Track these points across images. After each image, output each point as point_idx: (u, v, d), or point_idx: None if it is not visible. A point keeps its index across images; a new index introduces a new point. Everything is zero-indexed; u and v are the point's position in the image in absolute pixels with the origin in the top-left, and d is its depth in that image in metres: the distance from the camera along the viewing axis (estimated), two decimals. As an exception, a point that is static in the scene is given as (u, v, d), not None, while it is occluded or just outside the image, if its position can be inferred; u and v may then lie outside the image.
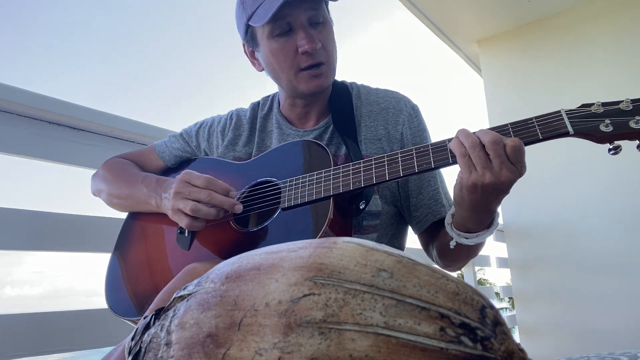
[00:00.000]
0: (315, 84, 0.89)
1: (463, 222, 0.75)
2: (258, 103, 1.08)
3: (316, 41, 0.86)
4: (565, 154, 3.04)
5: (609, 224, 2.85)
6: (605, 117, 0.65)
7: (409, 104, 0.98)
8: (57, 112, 1.15)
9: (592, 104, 0.67)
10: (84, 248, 1.14)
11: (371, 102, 0.97)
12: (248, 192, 0.89)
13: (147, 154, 1.09)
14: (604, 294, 2.78)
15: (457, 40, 3.59)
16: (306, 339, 0.33)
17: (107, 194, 1.02)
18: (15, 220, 1.04)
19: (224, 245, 0.86)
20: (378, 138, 0.93)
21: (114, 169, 1.03)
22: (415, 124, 0.95)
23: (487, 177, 0.66)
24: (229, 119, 1.06)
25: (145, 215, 0.99)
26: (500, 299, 13.87)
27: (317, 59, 0.87)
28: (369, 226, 0.91)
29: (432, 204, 0.92)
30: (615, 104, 0.66)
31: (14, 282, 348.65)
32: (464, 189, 0.69)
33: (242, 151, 1.01)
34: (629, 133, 0.64)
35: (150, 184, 0.93)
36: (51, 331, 1.04)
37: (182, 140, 1.08)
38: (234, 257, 0.45)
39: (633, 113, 0.64)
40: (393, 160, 0.76)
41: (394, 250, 0.38)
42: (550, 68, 3.14)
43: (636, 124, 0.63)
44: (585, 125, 0.66)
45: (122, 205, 1.02)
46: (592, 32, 3.08)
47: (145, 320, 0.47)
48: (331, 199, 0.78)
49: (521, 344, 0.34)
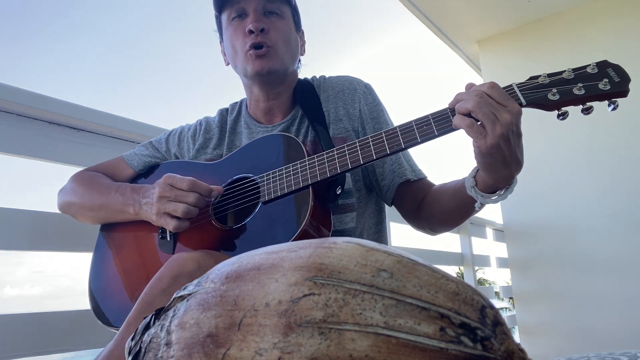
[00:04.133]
0: (258, 64, 0.93)
1: (493, 183, 0.74)
2: (226, 109, 1.11)
3: (260, 23, 0.92)
4: (565, 154, 3.04)
5: (609, 224, 2.85)
6: (552, 86, 0.71)
7: (362, 83, 1.03)
8: (57, 112, 1.15)
9: (539, 76, 0.73)
10: (84, 248, 1.14)
11: (327, 88, 1.03)
12: (225, 190, 0.90)
13: (116, 165, 1.09)
14: (604, 294, 2.78)
15: (457, 40, 3.59)
16: (306, 339, 0.33)
17: (78, 206, 1.00)
18: (15, 220, 1.04)
19: (210, 244, 0.86)
20: (339, 118, 0.98)
21: (84, 181, 1.02)
22: (370, 100, 1.00)
23: (498, 129, 0.66)
24: (198, 126, 1.08)
25: (121, 225, 0.99)
26: (500, 299, 13.87)
27: (260, 39, 0.92)
28: (345, 205, 0.94)
29: (395, 168, 0.96)
30: (559, 74, 0.72)
31: (14, 282, 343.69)
32: (484, 155, 0.69)
33: (213, 153, 1.03)
34: (573, 99, 0.70)
35: (126, 192, 0.93)
36: (51, 331, 1.04)
37: (151, 148, 1.09)
38: (234, 257, 0.45)
39: (575, 81, 0.70)
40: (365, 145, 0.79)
41: (394, 250, 0.38)
42: (550, 68, 3.12)
43: (579, 90, 0.69)
44: (535, 95, 0.71)
45: (94, 217, 1.00)
46: (592, 32, 3.08)
47: (145, 320, 0.47)
48: (310, 187, 0.80)
49: (521, 344, 0.34)
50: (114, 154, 1.12)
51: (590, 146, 2.94)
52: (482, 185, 0.76)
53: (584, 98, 0.70)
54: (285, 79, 0.99)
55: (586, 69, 0.71)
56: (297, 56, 1.02)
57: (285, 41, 0.95)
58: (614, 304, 2.74)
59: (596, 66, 0.71)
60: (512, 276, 3.26)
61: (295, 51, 1.00)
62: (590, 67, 0.71)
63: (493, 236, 3.37)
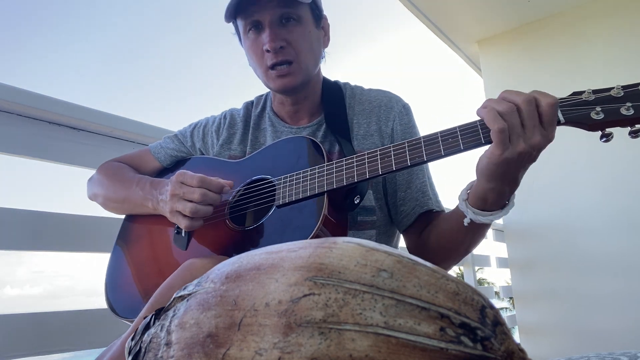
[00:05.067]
0: (281, 82, 0.90)
1: (484, 194, 0.71)
2: (252, 102, 1.09)
3: (277, 40, 0.86)
4: (565, 154, 3.04)
5: (609, 224, 2.85)
6: (596, 104, 0.65)
7: (400, 102, 0.99)
8: (57, 112, 1.15)
9: (583, 92, 0.66)
10: (84, 248, 1.14)
11: (364, 101, 0.99)
12: (243, 190, 0.90)
13: (142, 156, 1.09)
14: (604, 294, 2.78)
15: (457, 40, 3.59)
16: (306, 339, 0.33)
17: (103, 197, 1.02)
18: (15, 220, 1.04)
19: (221, 243, 0.86)
20: (370, 134, 0.95)
21: (109, 172, 1.03)
22: (405, 121, 0.97)
23: (520, 146, 0.63)
24: (222, 119, 1.06)
25: (142, 217, 1.00)
26: (500, 299, 13.86)
27: (281, 57, 0.87)
28: (365, 222, 0.91)
29: (419, 196, 0.92)
30: (606, 91, 0.65)
31: (14, 282, 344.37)
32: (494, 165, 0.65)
33: (237, 149, 1.02)
34: (620, 120, 0.63)
35: (145, 187, 0.93)
36: (51, 331, 1.04)
37: (177, 141, 1.08)
38: (234, 257, 0.45)
39: (624, 100, 0.63)
40: (385, 154, 0.75)
41: (394, 250, 0.38)
42: (550, 68, 3.14)
43: (627, 111, 0.63)
44: (576, 113, 0.65)
45: (119, 209, 1.02)
46: (592, 32, 3.08)
47: (145, 320, 0.47)
48: (325, 195, 0.79)
49: (521, 344, 0.34)
50: (114, 154, 1.12)
51: (590, 146, 2.94)
52: (474, 201, 0.73)
53: (632, 119, 0.63)
54: (309, 83, 0.96)
55: (638, 87, 0.64)
56: (320, 56, 0.97)
57: (306, 49, 0.90)
58: (614, 304, 2.74)
59: None
60: (512, 276, 3.25)
61: (318, 53, 0.95)
62: None
63: (493, 236, 3.37)
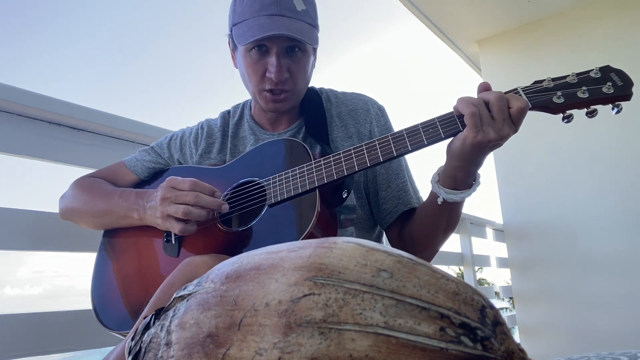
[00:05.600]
0: (274, 106, 0.93)
1: (453, 173, 0.79)
2: (228, 112, 1.10)
3: (284, 73, 0.88)
4: (565, 154, 3.04)
5: (609, 224, 2.85)
6: (556, 90, 0.73)
7: (376, 105, 1.03)
8: (57, 112, 1.14)
9: (543, 80, 0.75)
10: (84, 248, 1.14)
11: (339, 104, 1.02)
12: (231, 193, 0.90)
13: (117, 170, 1.07)
14: (604, 294, 2.78)
15: (457, 40, 3.59)
16: (306, 339, 0.33)
17: (80, 213, 0.99)
18: (15, 220, 1.04)
19: (215, 247, 0.85)
20: (349, 136, 0.97)
21: (85, 187, 1.01)
22: (382, 122, 1.01)
23: (491, 134, 0.71)
24: (199, 129, 1.07)
25: (125, 230, 0.98)
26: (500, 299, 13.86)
27: (280, 87, 0.89)
28: (347, 220, 0.94)
29: (401, 194, 0.96)
30: (562, 78, 0.74)
31: (14, 282, 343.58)
32: (467, 146, 0.73)
33: (217, 158, 1.02)
34: (578, 102, 0.72)
35: (130, 197, 0.92)
36: (51, 331, 1.03)
37: (153, 153, 1.07)
38: (234, 257, 0.45)
39: (579, 85, 0.73)
40: (372, 147, 0.79)
41: (394, 250, 0.38)
42: (550, 68, 3.14)
43: (583, 94, 0.72)
44: (540, 99, 0.74)
45: (97, 223, 0.99)
46: (591, 32, 3.08)
47: (145, 320, 0.47)
48: (317, 190, 0.80)
49: (521, 344, 0.34)
50: (114, 154, 1.12)
51: (590, 146, 2.94)
52: (445, 180, 0.81)
53: (588, 101, 0.72)
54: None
55: (589, 74, 0.73)
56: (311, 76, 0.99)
57: (303, 78, 0.93)
58: (614, 304, 2.74)
59: (599, 70, 0.73)
60: (512, 276, 3.26)
61: (309, 80, 0.98)
62: (593, 72, 0.73)
63: (493, 236, 3.37)
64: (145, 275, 0.91)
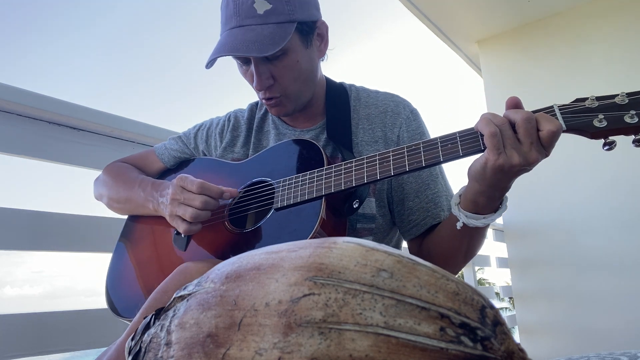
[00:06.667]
0: (274, 111, 0.92)
1: (474, 197, 0.71)
2: (256, 103, 1.08)
3: (264, 81, 0.85)
4: (565, 153, 3.04)
5: (609, 223, 2.85)
6: (599, 111, 0.63)
7: (408, 108, 0.96)
8: (57, 112, 1.15)
9: (586, 99, 0.65)
10: (84, 248, 1.14)
11: (370, 105, 0.96)
12: (243, 192, 0.90)
13: (147, 157, 1.10)
14: (604, 294, 2.78)
15: (457, 40, 3.59)
16: (306, 339, 0.33)
17: (107, 198, 1.03)
18: (15, 220, 1.04)
19: (219, 245, 0.86)
20: (375, 140, 0.92)
21: (113, 173, 1.04)
22: (413, 127, 0.94)
23: (515, 159, 0.63)
24: (227, 121, 1.06)
25: (144, 217, 1.00)
26: (500, 299, 13.86)
27: (268, 94, 0.87)
28: (364, 229, 0.90)
29: (430, 207, 0.89)
30: (610, 98, 0.63)
31: (14, 282, 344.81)
32: (487, 170, 0.66)
33: (240, 152, 1.01)
34: (623, 128, 0.61)
35: (147, 188, 0.93)
36: (51, 331, 1.04)
37: (180, 143, 1.09)
38: (234, 257, 0.45)
39: (628, 107, 0.61)
40: (384, 159, 0.74)
41: (394, 250, 0.38)
42: (550, 68, 3.14)
43: (631, 119, 0.60)
44: (578, 120, 0.64)
45: (121, 209, 1.03)
46: (592, 32, 3.08)
47: (145, 320, 0.47)
48: (323, 199, 0.78)
49: (521, 344, 0.34)
50: (114, 154, 1.12)
51: (590, 146, 2.94)
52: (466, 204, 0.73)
53: (637, 127, 0.61)
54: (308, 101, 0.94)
55: None
56: (316, 72, 0.93)
57: (295, 78, 0.87)
58: (614, 304, 2.74)
59: None
60: (512, 276, 3.25)
61: (312, 72, 0.91)
62: None
63: (493, 236, 3.37)
64: (162, 261, 0.92)
